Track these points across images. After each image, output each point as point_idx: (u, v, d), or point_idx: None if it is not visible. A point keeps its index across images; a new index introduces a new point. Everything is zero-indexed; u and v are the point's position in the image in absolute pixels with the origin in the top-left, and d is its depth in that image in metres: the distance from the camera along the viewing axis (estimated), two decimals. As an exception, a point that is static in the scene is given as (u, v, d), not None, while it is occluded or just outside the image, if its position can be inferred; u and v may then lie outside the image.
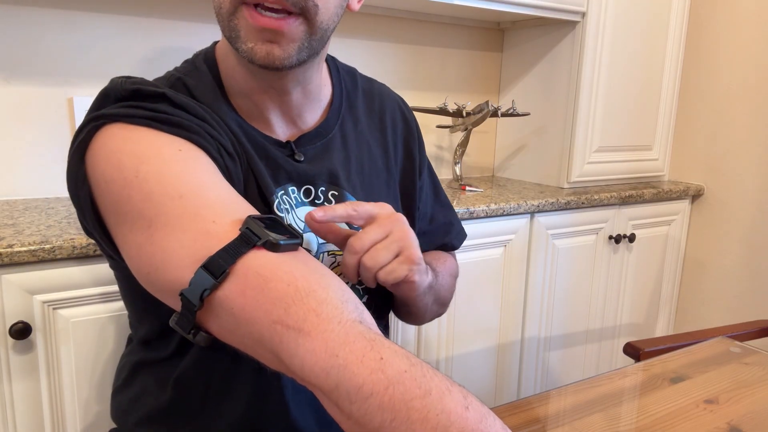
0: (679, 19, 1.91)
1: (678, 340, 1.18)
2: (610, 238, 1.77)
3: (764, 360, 0.91)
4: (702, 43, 1.92)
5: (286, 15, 0.57)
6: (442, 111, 1.69)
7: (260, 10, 0.57)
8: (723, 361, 0.91)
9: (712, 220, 1.95)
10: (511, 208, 1.49)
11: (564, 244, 1.67)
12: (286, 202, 0.67)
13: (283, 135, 0.70)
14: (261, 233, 0.48)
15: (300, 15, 0.58)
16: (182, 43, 1.41)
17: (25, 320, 0.93)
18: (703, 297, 2.00)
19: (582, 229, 1.71)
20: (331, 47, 0.75)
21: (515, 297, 1.60)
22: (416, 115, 0.87)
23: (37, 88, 1.28)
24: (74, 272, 0.96)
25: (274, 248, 0.49)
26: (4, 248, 0.90)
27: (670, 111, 1.98)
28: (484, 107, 1.69)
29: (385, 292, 0.71)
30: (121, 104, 0.58)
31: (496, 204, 1.46)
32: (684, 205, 1.97)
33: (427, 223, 0.86)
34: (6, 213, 1.13)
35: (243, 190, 0.64)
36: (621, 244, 1.81)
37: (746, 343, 1.00)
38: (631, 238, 1.82)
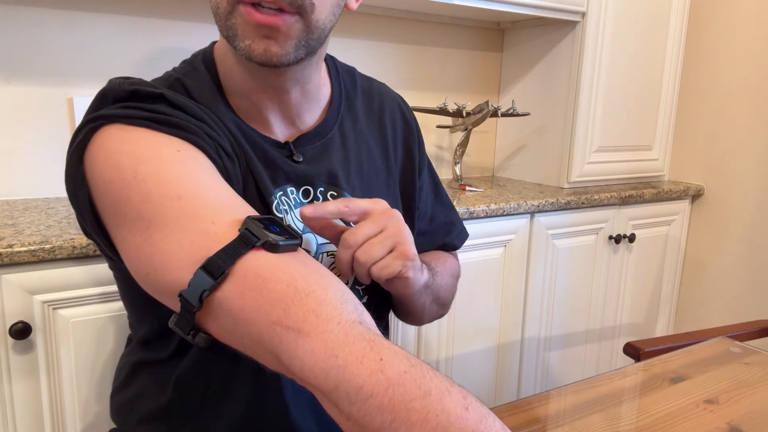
0: (679, 19, 1.90)
1: (678, 340, 1.18)
2: (610, 238, 1.77)
3: (764, 360, 0.91)
4: (702, 43, 1.92)
5: (282, 12, 0.57)
6: (442, 111, 1.69)
7: (257, 7, 0.57)
8: (723, 361, 0.91)
9: (712, 220, 1.95)
10: (511, 208, 1.49)
11: (564, 244, 1.67)
12: (285, 203, 0.67)
13: (281, 135, 0.70)
14: (260, 234, 0.48)
15: (296, 13, 0.58)
16: (182, 43, 1.41)
17: (25, 320, 0.93)
18: (703, 297, 2.00)
19: (582, 229, 1.71)
20: (330, 47, 0.75)
21: (515, 297, 1.60)
22: (416, 115, 0.87)
23: (37, 88, 1.28)
24: (74, 272, 0.96)
25: (274, 249, 0.48)
26: (4, 248, 0.90)
27: (670, 111, 1.98)
28: (484, 107, 1.68)
29: (385, 293, 0.71)
30: (119, 105, 0.58)
31: (496, 204, 1.46)
32: (684, 205, 1.97)
33: (428, 223, 0.85)
34: (6, 213, 1.13)
35: (242, 191, 0.64)
36: (621, 244, 1.81)
37: (746, 343, 0.99)
38: (631, 238, 1.81)
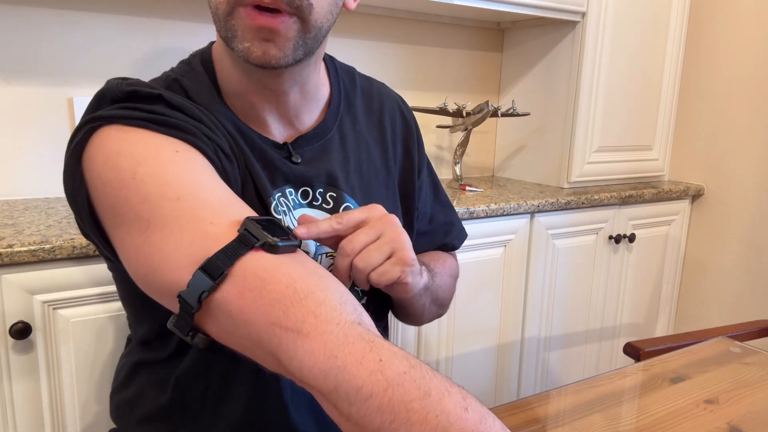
0: (679, 19, 1.90)
1: (678, 340, 1.18)
2: (610, 238, 1.77)
3: (764, 360, 0.91)
4: (702, 43, 1.92)
5: (280, 14, 0.57)
6: (442, 111, 1.69)
7: (257, 9, 0.57)
8: (723, 361, 0.91)
9: (712, 220, 1.95)
10: (511, 208, 1.49)
11: (564, 244, 1.67)
12: (284, 204, 0.67)
13: (280, 136, 0.70)
14: (259, 235, 0.48)
15: (294, 14, 0.58)
16: (182, 43, 1.41)
17: (25, 320, 0.93)
18: (703, 297, 2.00)
19: (582, 229, 1.70)
20: (330, 47, 0.75)
21: (515, 297, 1.60)
22: (416, 115, 0.87)
23: (37, 88, 1.28)
24: (74, 272, 0.96)
25: (273, 250, 0.48)
26: (4, 248, 0.90)
27: (670, 111, 1.98)
28: (484, 107, 1.68)
29: (384, 294, 0.71)
30: (117, 106, 0.58)
31: (496, 204, 1.46)
32: (684, 205, 1.97)
33: (427, 223, 0.85)
34: (6, 213, 1.13)
35: (240, 192, 0.64)
36: (621, 244, 1.81)
37: (746, 343, 0.99)
38: (631, 238, 1.81)
